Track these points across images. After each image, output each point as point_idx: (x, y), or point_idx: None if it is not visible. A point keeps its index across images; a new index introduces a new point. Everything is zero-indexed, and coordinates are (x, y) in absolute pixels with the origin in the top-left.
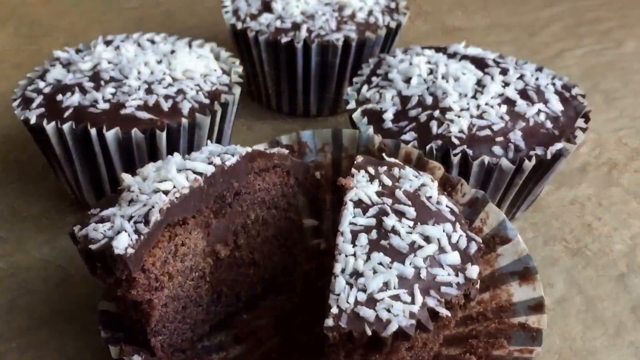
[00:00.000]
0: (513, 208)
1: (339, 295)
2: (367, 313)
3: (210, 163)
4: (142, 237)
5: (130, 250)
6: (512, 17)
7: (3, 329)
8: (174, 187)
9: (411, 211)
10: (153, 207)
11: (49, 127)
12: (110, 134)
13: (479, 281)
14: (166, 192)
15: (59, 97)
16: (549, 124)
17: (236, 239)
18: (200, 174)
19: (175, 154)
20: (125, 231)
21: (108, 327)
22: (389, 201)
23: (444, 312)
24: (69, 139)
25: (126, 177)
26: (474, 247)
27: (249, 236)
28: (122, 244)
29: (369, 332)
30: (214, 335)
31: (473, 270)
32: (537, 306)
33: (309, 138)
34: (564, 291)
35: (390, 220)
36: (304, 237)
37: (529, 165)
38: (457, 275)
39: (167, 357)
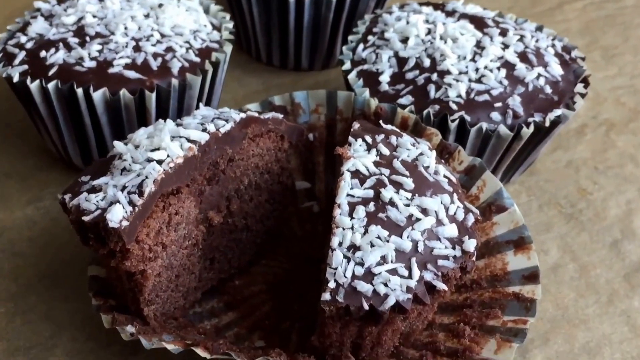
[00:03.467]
0: (509, 172)
1: (336, 269)
2: (364, 287)
3: (204, 130)
4: (136, 208)
5: (125, 223)
6: None
7: None
8: (168, 156)
9: (409, 182)
10: (147, 177)
11: (33, 85)
12: (98, 95)
13: (475, 254)
14: (160, 162)
15: (43, 53)
16: (548, 89)
17: (229, 205)
18: (194, 141)
19: (168, 120)
20: (119, 202)
21: (99, 294)
22: (387, 172)
23: (441, 286)
24: (54, 98)
25: (118, 145)
26: (471, 219)
27: (242, 202)
28: (117, 216)
29: (366, 307)
30: (206, 301)
31: (470, 244)
32: (531, 276)
33: (302, 99)
34: (558, 257)
35: (388, 192)
36: (296, 200)
37: (527, 132)
38: (454, 248)
39: (159, 325)
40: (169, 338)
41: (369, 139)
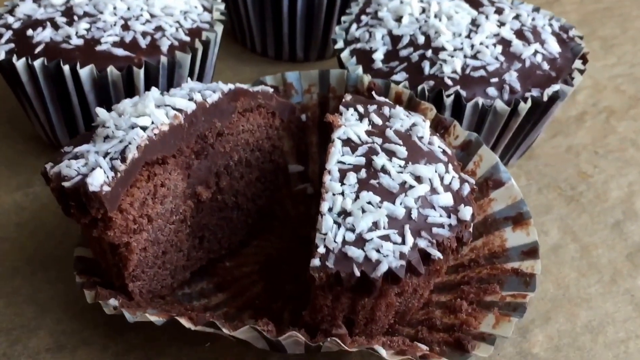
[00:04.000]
0: (507, 154)
1: (326, 234)
2: (355, 253)
3: (191, 99)
4: (118, 174)
5: (106, 188)
6: None
7: None
8: (153, 122)
9: (402, 150)
10: (130, 143)
11: (19, 63)
12: (85, 72)
13: (472, 224)
14: (144, 128)
15: (30, 32)
16: (545, 65)
17: (218, 181)
18: (180, 110)
19: (153, 88)
20: (101, 167)
21: (84, 273)
22: (379, 140)
23: (435, 253)
24: (40, 76)
25: (101, 112)
26: (467, 189)
27: (231, 178)
28: (97, 180)
29: (358, 273)
30: (195, 283)
31: (466, 212)
32: (530, 251)
33: (295, 79)
34: (558, 238)
35: (380, 160)
36: (289, 183)
37: (524, 107)
38: (449, 216)
39: (145, 302)
40: (154, 312)
41: (361, 108)
